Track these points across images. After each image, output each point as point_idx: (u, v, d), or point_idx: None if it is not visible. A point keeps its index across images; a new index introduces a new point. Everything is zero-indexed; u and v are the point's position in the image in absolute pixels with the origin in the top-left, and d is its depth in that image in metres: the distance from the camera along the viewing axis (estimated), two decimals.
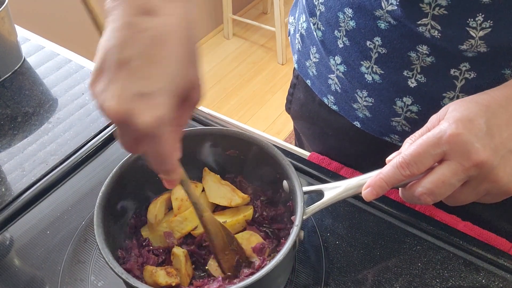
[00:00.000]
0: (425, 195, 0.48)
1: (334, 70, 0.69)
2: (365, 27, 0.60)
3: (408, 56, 0.59)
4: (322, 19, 0.66)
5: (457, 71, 0.57)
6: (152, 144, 0.43)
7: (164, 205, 0.63)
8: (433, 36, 0.54)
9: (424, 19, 0.54)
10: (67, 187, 0.75)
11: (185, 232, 0.61)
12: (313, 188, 0.57)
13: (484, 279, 0.60)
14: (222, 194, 0.63)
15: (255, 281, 0.49)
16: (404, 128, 0.66)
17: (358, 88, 0.67)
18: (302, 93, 0.82)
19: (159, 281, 0.55)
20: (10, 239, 0.69)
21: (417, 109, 0.63)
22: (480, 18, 0.51)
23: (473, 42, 0.53)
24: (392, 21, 0.57)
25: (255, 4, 3.28)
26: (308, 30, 0.72)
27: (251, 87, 2.71)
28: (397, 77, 0.61)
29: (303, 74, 0.78)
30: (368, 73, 0.64)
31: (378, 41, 0.60)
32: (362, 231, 0.66)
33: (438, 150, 0.47)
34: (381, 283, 0.60)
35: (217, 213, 0.63)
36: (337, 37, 0.65)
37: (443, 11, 0.52)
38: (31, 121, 0.86)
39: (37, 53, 1.00)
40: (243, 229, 0.62)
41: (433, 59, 0.57)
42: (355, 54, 0.64)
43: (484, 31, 0.51)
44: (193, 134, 0.64)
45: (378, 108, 0.67)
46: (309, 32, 0.72)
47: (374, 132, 0.70)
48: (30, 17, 1.96)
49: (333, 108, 0.74)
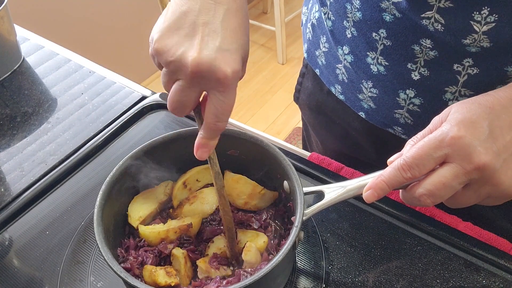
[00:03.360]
0: (425, 196, 0.47)
1: (342, 60, 0.70)
2: (371, 18, 0.61)
3: (412, 49, 0.59)
4: (332, 9, 0.68)
5: (460, 66, 0.57)
6: (221, 96, 0.50)
7: None
8: (437, 29, 0.55)
9: (428, 12, 0.54)
10: (67, 187, 0.75)
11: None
12: (313, 189, 0.57)
13: (484, 280, 0.60)
14: None
15: (254, 281, 0.49)
16: (406, 120, 0.66)
17: (364, 79, 0.68)
18: (310, 82, 0.83)
19: (158, 281, 0.55)
20: (9, 240, 0.69)
21: (419, 102, 0.63)
22: (485, 11, 0.51)
23: (476, 37, 0.53)
24: (397, 14, 0.57)
25: (255, 4, 3.28)
26: (319, 20, 0.73)
27: (251, 87, 2.70)
28: (401, 69, 0.62)
29: (312, 63, 0.79)
30: (374, 64, 0.64)
31: (383, 33, 0.60)
32: (362, 232, 0.66)
33: (440, 153, 0.46)
34: (381, 283, 0.60)
35: None
36: (346, 27, 0.66)
37: (449, 3, 0.52)
38: (31, 121, 0.85)
39: (37, 53, 1.00)
40: None
41: (436, 53, 0.57)
42: (362, 45, 0.64)
43: (488, 26, 0.51)
44: (194, 134, 0.64)
45: (382, 100, 0.67)
46: (320, 22, 0.73)
47: (378, 123, 0.71)
48: (30, 17, 1.96)
49: (340, 97, 0.75)
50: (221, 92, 0.50)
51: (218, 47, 0.49)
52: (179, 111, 0.52)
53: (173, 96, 0.51)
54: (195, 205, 0.63)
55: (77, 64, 0.97)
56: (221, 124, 0.52)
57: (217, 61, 0.48)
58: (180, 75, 0.50)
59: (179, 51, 0.48)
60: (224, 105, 0.50)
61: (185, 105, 0.51)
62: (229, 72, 0.48)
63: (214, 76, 0.48)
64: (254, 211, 0.64)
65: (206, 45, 0.48)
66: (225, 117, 0.51)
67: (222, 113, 0.51)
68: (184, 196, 0.64)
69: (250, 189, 0.63)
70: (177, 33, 0.49)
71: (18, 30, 1.02)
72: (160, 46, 0.49)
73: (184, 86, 0.50)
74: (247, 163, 0.64)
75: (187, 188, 0.65)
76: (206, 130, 0.52)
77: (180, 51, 0.48)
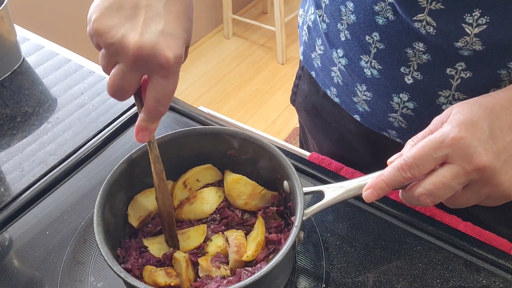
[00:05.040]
0: (425, 196, 0.47)
1: (337, 63, 0.70)
2: (364, 21, 0.60)
3: (405, 52, 0.59)
4: (327, 12, 0.67)
5: (453, 70, 0.57)
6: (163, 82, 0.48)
7: None
8: (429, 32, 0.54)
9: (420, 14, 0.54)
10: (67, 187, 0.75)
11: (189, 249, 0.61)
12: (313, 188, 0.57)
13: (484, 280, 0.60)
14: None
15: (253, 281, 0.49)
16: (400, 124, 0.66)
17: (358, 82, 0.67)
18: (306, 85, 0.83)
19: (158, 281, 0.55)
20: (9, 240, 0.69)
21: (413, 106, 0.63)
22: (476, 13, 0.51)
23: (468, 39, 0.53)
24: (391, 17, 0.57)
25: (255, 4, 3.28)
26: (315, 22, 0.73)
27: (251, 87, 2.70)
28: (394, 73, 0.62)
29: (308, 65, 0.79)
30: (367, 68, 0.64)
31: (376, 36, 0.60)
32: (362, 232, 0.66)
33: (440, 153, 0.46)
34: (381, 283, 0.60)
35: None
36: (340, 30, 0.66)
37: (440, 5, 0.52)
38: (31, 121, 0.85)
39: (37, 53, 1.00)
40: None
41: (429, 57, 0.57)
42: (356, 48, 0.64)
43: (479, 28, 0.51)
44: (194, 134, 0.64)
45: (376, 103, 0.67)
46: (316, 24, 0.73)
47: (373, 127, 0.71)
48: (30, 17, 1.96)
49: (335, 100, 0.75)
50: (162, 77, 0.48)
51: (161, 31, 0.47)
52: (120, 96, 0.50)
53: (113, 80, 0.49)
54: (195, 205, 0.63)
55: (77, 64, 0.97)
56: (162, 108, 0.51)
57: (159, 45, 0.47)
58: (120, 58, 0.48)
59: (120, 33, 0.47)
60: (165, 90, 0.49)
61: (125, 89, 0.50)
62: (171, 57, 0.47)
63: (156, 61, 0.47)
64: (254, 211, 0.64)
65: (148, 28, 0.47)
66: (166, 101, 0.50)
67: (164, 97, 0.50)
68: (184, 196, 0.64)
69: (250, 189, 0.63)
70: (118, 13, 0.47)
71: (18, 30, 1.02)
72: (100, 26, 0.47)
73: (124, 70, 0.48)
74: (247, 163, 0.64)
75: (187, 188, 0.65)
76: (147, 113, 0.51)
77: (120, 33, 0.47)
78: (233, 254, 0.58)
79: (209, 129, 0.65)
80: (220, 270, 0.57)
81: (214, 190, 0.65)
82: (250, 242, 0.59)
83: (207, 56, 2.90)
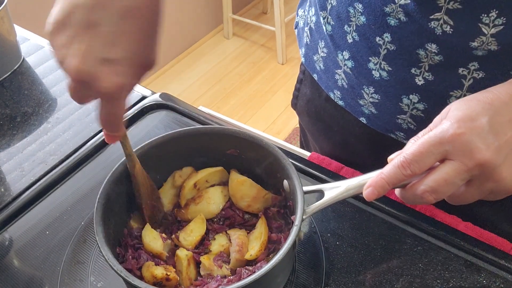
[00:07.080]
0: (428, 193, 0.47)
1: (342, 65, 0.69)
2: (375, 23, 0.60)
3: (416, 53, 0.58)
4: (333, 13, 0.66)
5: (465, 70, 0.57)
6: (108, 106, 0.48)
7: None
8: (445, 31, 0.54)
9: (437, 13, 0.53)
10: (67, 187, 0.75)
11: (195, 243, 0.61)
12: (313, 187, 0.57)
13: (485, 280, 0.60)
14: None
15: (253, 281, 0.49)
16: (409, 126, 0.66)
17: (365, 84, 0.67)
18: (308, 88, 0.82)
19: (155, 273, 0.55)
20: (9, 240, 0.69)
21: (423, 107, 0.63)
22: (493, 14, 0.51)
23: (485, 39, 0.53)
24: (402, 18, 0.57)
25: (255, 4, 3.28)
26: (317, 24, 0.72)
27: (251, 87, 2.70)
28: (404, 74, 0.61)
29: (310, 68, 0.78)
30: (376, 70, 0.64)
31: (387, 37, 0.60)
32: (362, 232, 0.66)
33: (440, 150, 0.46)
34: (381, 283, 0.60)
35: None
36: (347, 32, 0.65)
37: (458, 5, 0.52)
38: (30, 121, 0.85)
39: (36, 53, 1.00)
40: None
41: (442, 58, 0.57)
42: (364, 50, 0.64)
43: (496, 28, 0.51)
44: (194, 133, 0.64)
45: (384, 105, 0.66)
46: (318, 26, 0.72)
47: (380, 129, 0.70)
48: (29, 17, 1.96)
49: (339, 103, 0.74)
50: (106, 101, 0.48)
51: (103, 58, 0.44)
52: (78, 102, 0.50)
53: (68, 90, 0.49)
54: (202, 205, 0.63)
55: None
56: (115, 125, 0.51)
57: (98, 73, 0.44)
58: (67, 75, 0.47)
59: (63, 54, 0.45)
60: (110, 115, 0.49)
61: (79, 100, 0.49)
62: (110, 87, 0.45)
63: (95, 89, 0.45)
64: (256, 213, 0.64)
65: (89, 54, 0.44)
66: (115, 123, 0.50)
67: (112, 121, 0.50)
68: (191, 196, 0.64)
69: (254, 192, 0.63)
70: (63, 31, 0.45)
71: (18, 30, 1.01)
72: (50, 42, 0.46)
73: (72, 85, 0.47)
74: (247, 162, 0.64)
75: (196, 188, 0.65)
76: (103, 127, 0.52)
77: (63, 54, 0.45)
78: (235, 253, 0.58)
79: (209, 129, 0.65)
80: (221, 270, 0.57)
81: (219, 189, 0.65)
82: (252, 241, 0.59)
83: (207, 56, 2.90)
